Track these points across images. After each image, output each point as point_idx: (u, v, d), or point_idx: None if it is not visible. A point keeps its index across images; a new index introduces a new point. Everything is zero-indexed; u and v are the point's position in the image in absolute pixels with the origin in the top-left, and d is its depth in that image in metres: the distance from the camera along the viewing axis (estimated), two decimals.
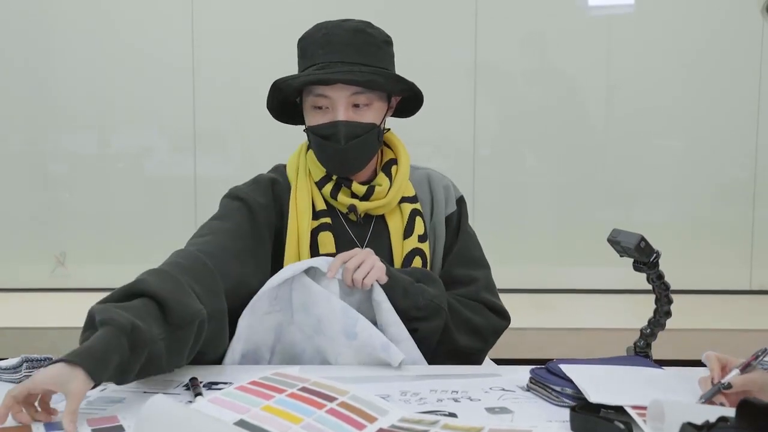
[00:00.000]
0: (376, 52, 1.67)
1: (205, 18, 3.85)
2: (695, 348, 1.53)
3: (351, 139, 1.65)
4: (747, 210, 3.91)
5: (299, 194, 1.72)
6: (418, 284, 1.62)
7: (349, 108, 1.65)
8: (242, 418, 1.14)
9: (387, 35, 1.72)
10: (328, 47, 1.65)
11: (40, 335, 3.24)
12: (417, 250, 1.73)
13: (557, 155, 3.96)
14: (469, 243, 1.83)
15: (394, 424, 1.19)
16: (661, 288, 1.77)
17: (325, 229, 1.71)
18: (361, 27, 1.67)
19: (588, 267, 3.88)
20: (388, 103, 1.74)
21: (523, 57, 3.92)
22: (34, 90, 3.90)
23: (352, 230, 1.74)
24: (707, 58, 3.87)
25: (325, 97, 1.65)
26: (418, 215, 1.76)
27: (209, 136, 3.91)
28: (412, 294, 1.60)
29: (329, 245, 1.70)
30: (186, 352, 1.40)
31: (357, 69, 1.62)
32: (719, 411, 1.09)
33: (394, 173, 1.74)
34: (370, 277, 1.56)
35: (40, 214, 3.94)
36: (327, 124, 1.65)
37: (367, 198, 1.71)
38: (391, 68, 1.71)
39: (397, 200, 1.74)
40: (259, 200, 1.69)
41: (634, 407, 1.24)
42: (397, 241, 1.73)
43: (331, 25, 1.68)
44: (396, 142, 1.81)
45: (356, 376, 1.49)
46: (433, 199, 1.82)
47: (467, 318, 1.71)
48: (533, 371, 1.44)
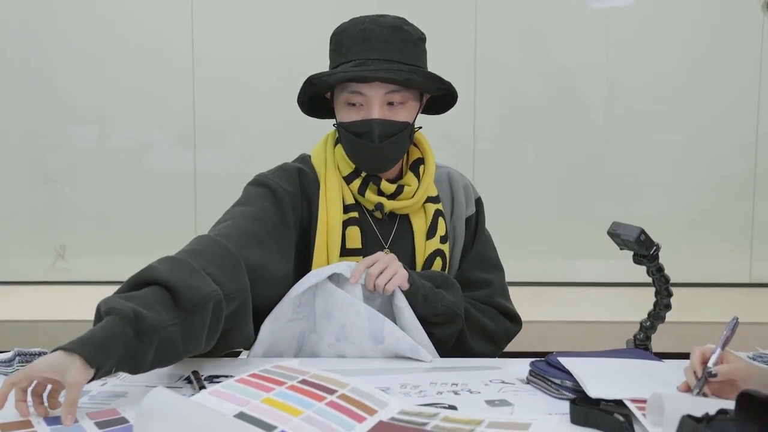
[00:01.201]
0: (413, 49, 1.65)
1: (205, 13, 3.85)
2: (695, 341, 1.53)
3: (385, 138, 1.63)
4: (747, 203, 3.92)
5: (329, 186, 1.69)
6: (438, 290, 1.63)
7: (383, 106, 1.63)
8: (242, 411, 1.14)
9: (421, 32, 1.70)
10: (365, 43, 1.62)
11: (40, 328, 3.26)
12: (438, 252, 1.73)
13: (557, 149, 3.97)
14: (487, 245, 1.84)
15: (394, 416, 1.19)
16: (661, 281, 1.78)
17: (353, 223, 1.69)
18: (398, 23, 1.65)
19: (588, 260, 3.90)
20: (421, 101, 1.72)
21: (523, 51, 3.92)
22: (35, 85, 3.91)
23: (378, 227, 1.73)
24: (707, 52, 3.88)
25: (361, 95, 1.63)
26: (441, 216, 1.75)
27: (209, 131, 3.92)
28: (431, 301, 1.61)
29: (356, 240, 1.68)
30: (203, 335, 1.37)
31: (395, 67, 1.60)
32: (719, 404, 1.09)
33: (422, 173, 1.74)
34: (392, 283, 1.56)
35: (40, 208, 3.95)
36: (361, 122, 1.63)
37: (395, 197, 1.70)
38: (425, 66, 1.70)
39: (423, 200, 1.74)
40: (285, 187, 1.67)
41: (634, 400, 1.24)
42: (420, 241, 1.73)
43: (368, 20, 1.65)
44: (423, 141, 1.79)
45: (356, 369, 1.50)
46: (454, 199, 1.81)
47: (482, 324, 1.72)
48: (533, 364, 1.44)
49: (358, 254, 1.67)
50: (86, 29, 3.85)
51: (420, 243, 1.72)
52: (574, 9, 3.94)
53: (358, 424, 1.16)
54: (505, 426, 1.15)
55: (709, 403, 1.16)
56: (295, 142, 1.89)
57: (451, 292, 1.65)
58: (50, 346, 1.45)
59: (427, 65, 1.72)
